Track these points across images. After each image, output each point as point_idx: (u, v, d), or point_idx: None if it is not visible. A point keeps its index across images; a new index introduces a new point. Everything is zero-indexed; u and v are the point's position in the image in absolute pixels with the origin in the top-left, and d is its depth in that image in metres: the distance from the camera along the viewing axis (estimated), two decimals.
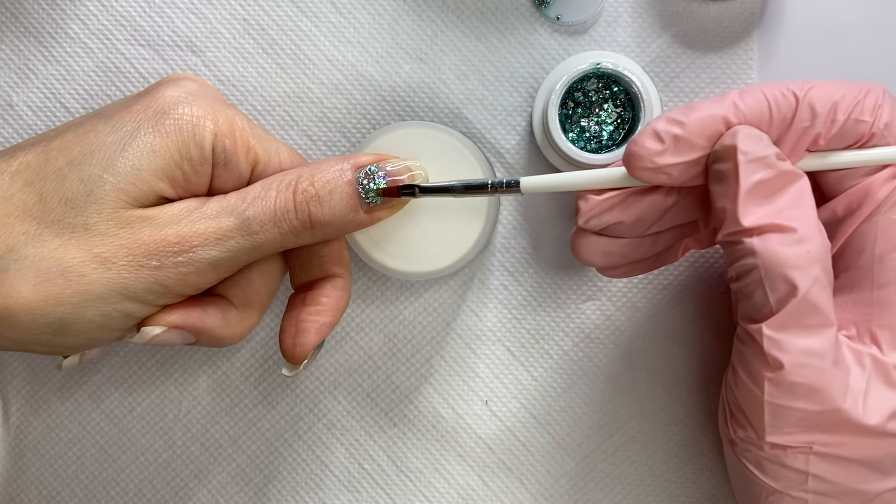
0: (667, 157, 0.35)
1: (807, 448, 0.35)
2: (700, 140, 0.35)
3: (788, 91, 0.35)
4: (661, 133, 0.35)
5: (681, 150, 0.35)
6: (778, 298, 0.33)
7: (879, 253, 0.36)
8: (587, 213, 0.37)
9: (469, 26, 0.45)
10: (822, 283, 0.33)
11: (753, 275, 0.34)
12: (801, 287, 0.33)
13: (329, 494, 0.47)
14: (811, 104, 0.35)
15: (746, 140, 0.34)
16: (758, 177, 0.34)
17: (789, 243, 0.33)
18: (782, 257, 0.33)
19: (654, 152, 0.35)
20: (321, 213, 0.37)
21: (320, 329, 0.38)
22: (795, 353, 0.33)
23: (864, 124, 0.35)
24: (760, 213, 0.34)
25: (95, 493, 0.47)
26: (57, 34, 0.46)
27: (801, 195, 0.34)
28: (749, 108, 0.35)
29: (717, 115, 0.35)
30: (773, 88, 0.35)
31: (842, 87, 0.35)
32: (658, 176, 0.35)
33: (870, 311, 0.36)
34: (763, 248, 0.33)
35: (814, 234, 0.34)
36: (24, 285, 0.34)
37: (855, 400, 0.34)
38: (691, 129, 0.35)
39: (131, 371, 0.47)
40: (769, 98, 0.35)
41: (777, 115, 0.35)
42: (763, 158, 0.34)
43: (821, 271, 0.33)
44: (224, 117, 0.37)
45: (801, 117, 0.35)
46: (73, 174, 0.35)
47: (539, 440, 0.46)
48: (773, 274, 0.33)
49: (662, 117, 0.36)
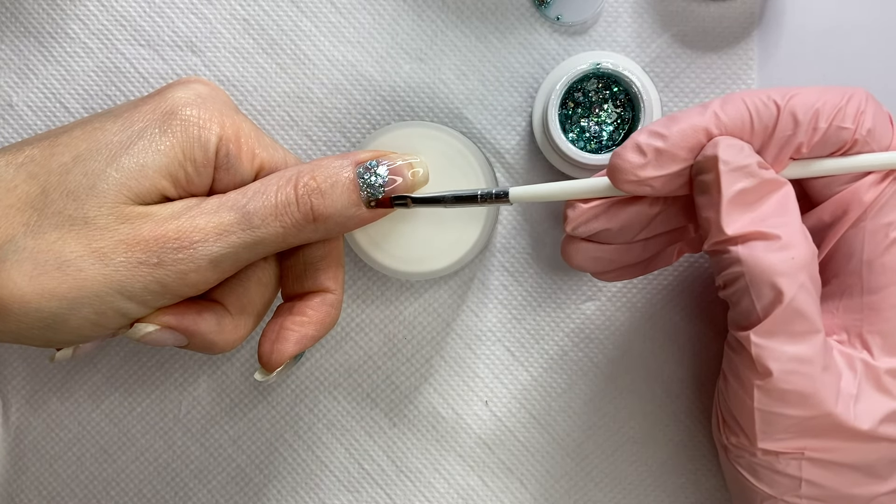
0: (649, 169, 0.35)
1: (799, 454, 0.35)
2: (682, 152, 0.35)
3: (770, 100, 0.35)
4: (643, 146, 0.35)
5: (663, 162, 0.35)
6: (764, 305, 0.33)
7: (868, 258, 0.36)
8: (574, 221, 0.37)
9: (469, 26, 0.45)
10: (809, 289, 0.33)
11: (740, 283, 0.34)
12: (787, 293, 0.33)
13: (329, 494, 0.47)
14: (793, 112, 0.35)
15: (727, 150, 0.34)
16: (740, 185, 0.34)
17: (774, 250, 0.33)
18: (767, 264, 0.33)
19: (636, 165, 0.35)
20: (323, 205, 0.37)
21: (300, 340, 0.38)
22: (784, 359, 0.33)
23: (847, 131, 0.35)
24: (744, 222, 0.34)
25: (95, 493, 0.47)
26: (57, 34, 0.46)
27: (784, 202, 0.34)
28: (730, 118, 0.35)
29: (699, 126, 0.35)
30: (754, 97, 0.35)
31: (824, 94, 0.35)
32: (642, 188, 0.35)
33: (860, 316, 0.36)
34: (748, 255, 0.33)
35: (798, 240, 0.34)
36: (20, 276, 0.34)
37: (846, 404, 0.34)
38: (673, 141, 0.35)
39: (131, 371, 0.47)
40: (750, 107, 0.35)
41: (759, 125, 0.35)
42: (745, 167, 0.34)
43: (806, 278, 0.33)
44: (231, 122, 0.37)
45: (783, 126, 0.35)
46: (77, 168, 0.35)
47: (539, 440, 0.46)
48: (759, 281, 0.33)
49: (644, 130, 0.36)
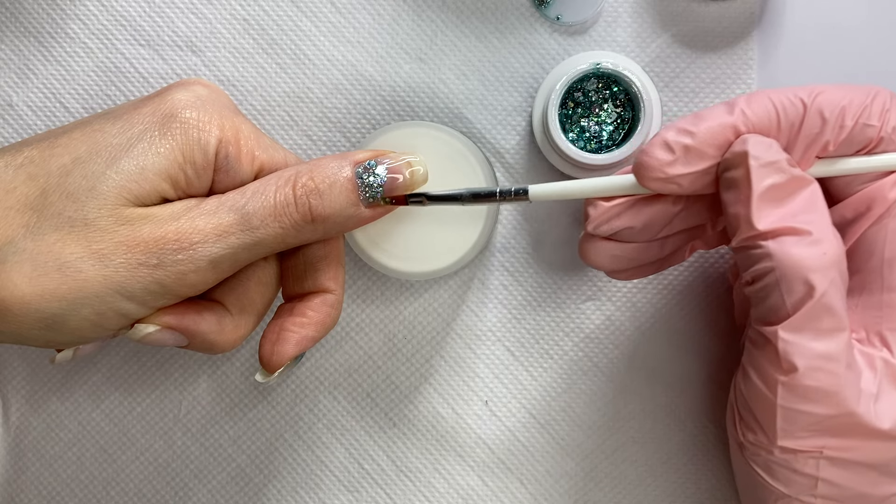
0: (677, 167, 0.35)
1: (817, 452, 0.35)
2: (710, 149, 0.35)
3: (796, 98, 0.35)
4: (672, 143, 0.35)
5: (691, 160, 0.35)
6: (794, 301, 0.33)
7: (889, 256, 0.36)
8: (596, 219, 0.37)
9: (469, 26, 0.45)
10: (838, 286, 0.33)
11: (769, 278, 0.33)
12: (819, 289, 0.33)
13: (329, 494, 0.47)
14: (819, 110, 0.35)
15: (757, 146, 0.34)
16: (770, 181, 0.34)
17: (805, 245, 0.33)
18: (799, 259, 0.33)
19: (664, 162, 0.35)
20: (321, 206, 0.37)
21: (300, 341, 0.38)
22: (810, 356, 0.33)
23: (873, 129, 0.35)
24: (775, 217, 0.33)
25: (95, 493, 0.47)
26: (57, 34, 0.46)
27: (813, 199, 0.34)
28: (757, 116, 0.35)
29: (727, 124, 0.35)
30: (780, 95, 0.35)
31: (849, 92, 0.35)
32: (669, 185, 0.35)
33: (880, 314, 0.36)
34: (779, 250, 0.33)
35: (829, 236, 0.34)
36: (20, 278, 0.34)
37: (867, 404, 0.34)
38: (701, 138, 0.35)
39: (131, 371, 0.47)
40: (777, 105, 0.35)
41: (785, 123, 0.35)
42: (774, 163, 0.34)
43: (837, 274, 0.33)
44: (230, 124, 0.37)
45: (810, 124, 0.35)
46: (77, 170, 0.35)
47: (539, 440, 0.46)
48: (791, 276, 0.33)
49: (672, 127, 0.35)
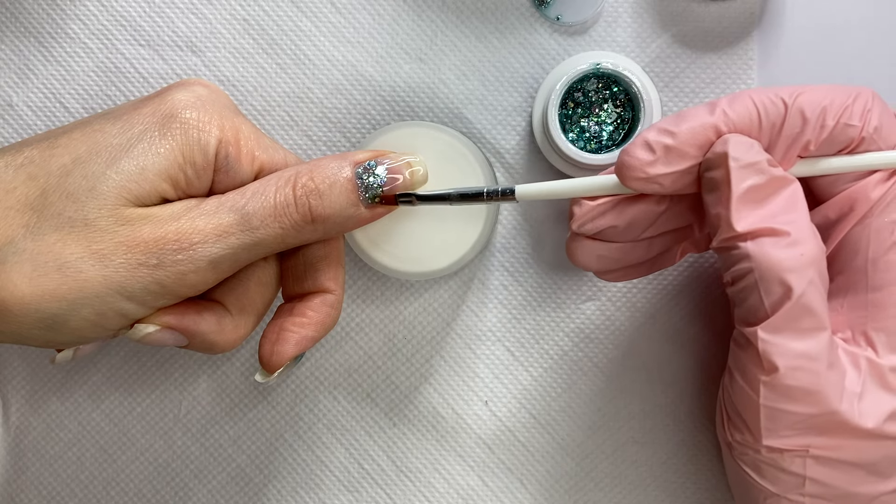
0: (658, 167, 0.35)
1: (803, 451, 0.35)
2: (691, 149, 0.35)
3: (777, 97, 0.35)
4: (652, 143, 0.35)
5: (672, 160, 0.35)
6: (773, 301, 0.33)
7: (873, 256, 0.36)
8: (581, 218, 0.37)
9: (469, 26, 0.45)
10: (817, 285, 0.33)
11: (748, 279, 0.34)
12: (796, 290, 0.33)
13: (329, 494, 0.47)
14: (801, 110, 0.35)
15: (737, 147, 0.34)
16: (749, 182, 0.34)
17: (783, 246, 0.33)
18: (776, 260, 0.33)
19: (645, 162, 0.35)
20: (321, 206, 0.37)
21: (300, 342, 0.38)
22: (790, 356, 0.33)
23: (854, 129, 0.35)
24: (753, 218, 0.34)
25: (95, 493, 0.47)
26: (57, 34, 0.46)
27: (793, 199, 0.34)
28: (739, 115, 0.35)
29: (708, 124, 0.35)
30: (761, 95, 0.35)
31: (831, 92, 0.35)
32: (650, 185, 0.36)
33: (864, 313, 0.36)
34: (757, 251, 0.33)
35: (808, 237, 0.34)
36: (20, 278, 0.34)
37: (851, 403, 0.34)
38: (682, 138, 0.35)
39: (131, 371, 0.47)
40: (758, 105, 0.35)
41: (766, 122, 0.35)
42: (754, 164, 0.34)
43: (815, 274, 0.33)
44: (230, 125, 0.37)
45: (791, 123, 0.35)
46: (77, 171, 0.35)
47: (539, 440, 0.46)
48: (768, 277, 0.33)
49: (653, 127, 0.36)
